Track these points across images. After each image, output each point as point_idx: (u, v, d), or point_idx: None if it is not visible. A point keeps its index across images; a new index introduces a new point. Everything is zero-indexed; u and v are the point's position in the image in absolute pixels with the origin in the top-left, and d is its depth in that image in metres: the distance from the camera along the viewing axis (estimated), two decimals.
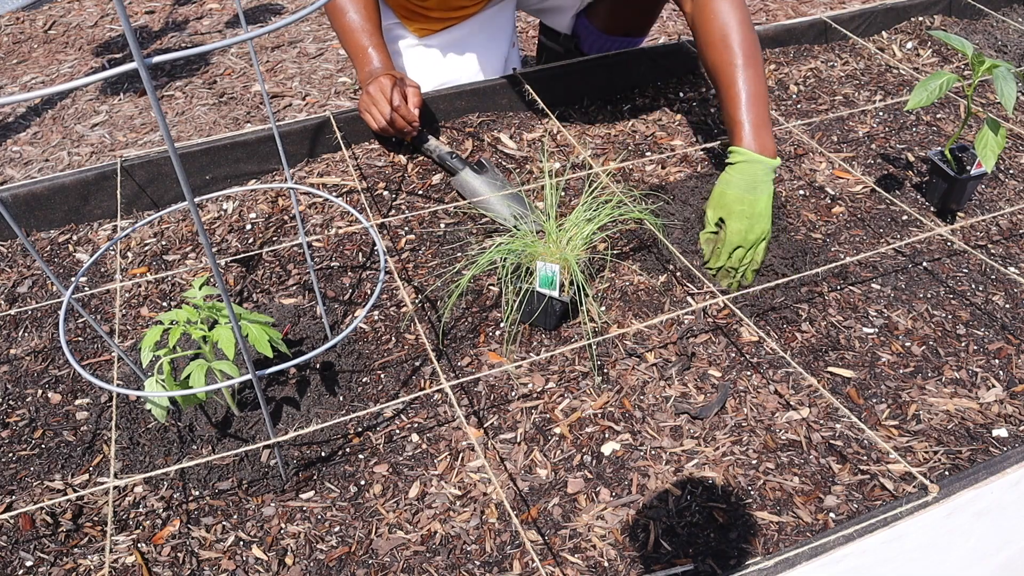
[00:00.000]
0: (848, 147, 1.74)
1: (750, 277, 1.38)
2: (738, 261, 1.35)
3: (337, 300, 1.40)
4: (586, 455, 1.14)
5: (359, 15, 1.63)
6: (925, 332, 1.31)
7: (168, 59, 0.59)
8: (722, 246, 1.36)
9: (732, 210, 1.34)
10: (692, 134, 1.78)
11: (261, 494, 1.11)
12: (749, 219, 1.33)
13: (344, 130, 1.71)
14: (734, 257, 1.35)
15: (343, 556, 1.03)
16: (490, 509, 1.08)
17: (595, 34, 2.04)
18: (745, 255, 1.35)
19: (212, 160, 1.63)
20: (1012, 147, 1.73)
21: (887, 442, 1.14)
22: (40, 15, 2.75)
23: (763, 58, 1.57)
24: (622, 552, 1.02)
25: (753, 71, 1.41)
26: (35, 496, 1.11)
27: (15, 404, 1.25)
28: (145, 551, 1.04)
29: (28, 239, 1.43)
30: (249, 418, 1.19)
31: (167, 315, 1.07)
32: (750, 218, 1.33)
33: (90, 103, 2.22)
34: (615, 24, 1.99)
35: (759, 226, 1.34)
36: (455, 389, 1.24)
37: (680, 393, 1.22)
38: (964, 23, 2.20)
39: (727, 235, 1.35)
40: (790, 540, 1.02)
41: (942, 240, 1.49)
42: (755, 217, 1.33)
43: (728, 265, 1.36)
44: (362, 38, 1.63)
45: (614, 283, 1.41)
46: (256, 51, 2.05)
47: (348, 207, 1.14)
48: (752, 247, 1.35)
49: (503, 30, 1.95)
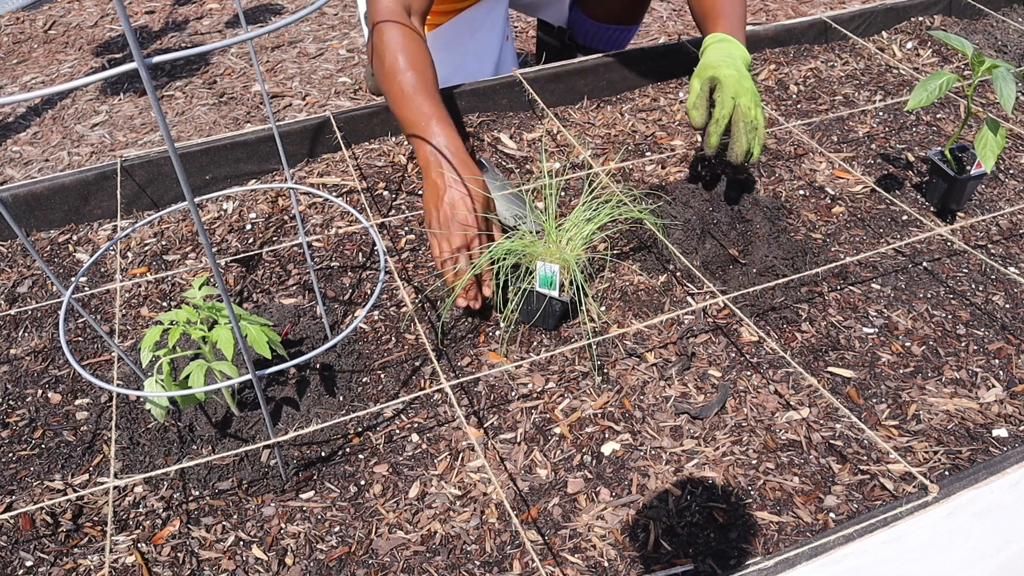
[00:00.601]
0: (848, 147, 1.74)
1: (759, 144, 1.29)
2: (744, 118, 1.27)
3: (337, 300, 1.40)
4: (586, 455, 1.14)
5: (415, 76, 1.36)
6: (925, 332, 1.31)
7: (168, 59, 0.59)
8: (720, 103, 1.28)
9: (719, 65, 1.29)
10: (692, 134, 1.78)
11: (261, 494, 1.11)
12: (738, 70, 1.28)
13: (344, 130, 1.71)
14: (739, 110, 1.27)
15: (343, 556, 1.03)
16: (490, 509, 1.08)
17: (588, 23, 2.05)
18: (750, 111, 1.27)
19: (212, 160, 1.63)
20: (1012, 147, 1.73)
21: (887, 442, 1.14)
22: (40, 15, 2.75)
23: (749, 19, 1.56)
24: (622, 552, 1.02)
25: (736, 6, 1.43)
26: (35, 496, 1.11)
27: (15, 404, 1.25)
28: (145, 551, 1.05)
29: (28, 239, 1.43)
30: (249, 418, 1.19)
31: (167, 315, 1.07)
32: (739, 70, 1.28)
33: (90, 103, 2.22)
34: (606, 12, 2.00)
35: (749, 82, 1.28)
36: (455, 389, 1.24)
37: (680, 393, 1.22)
38: (964, 23, 2.20)
39: (723, 82, 1.27)
40: (790, 540, 1.02)
41: (942, 240, 1.49)
42: (743, 72, 1.28)
43: (736, 120, 1.28)
44: (423, 104, 1.35)
45: (614, 283, 1.41)
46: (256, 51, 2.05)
47: (348, 207, 1.14)
48: (751, 98, 1.27)
49: (495, 26, 1.95)
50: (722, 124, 1.29)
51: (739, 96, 1.28)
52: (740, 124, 1.28)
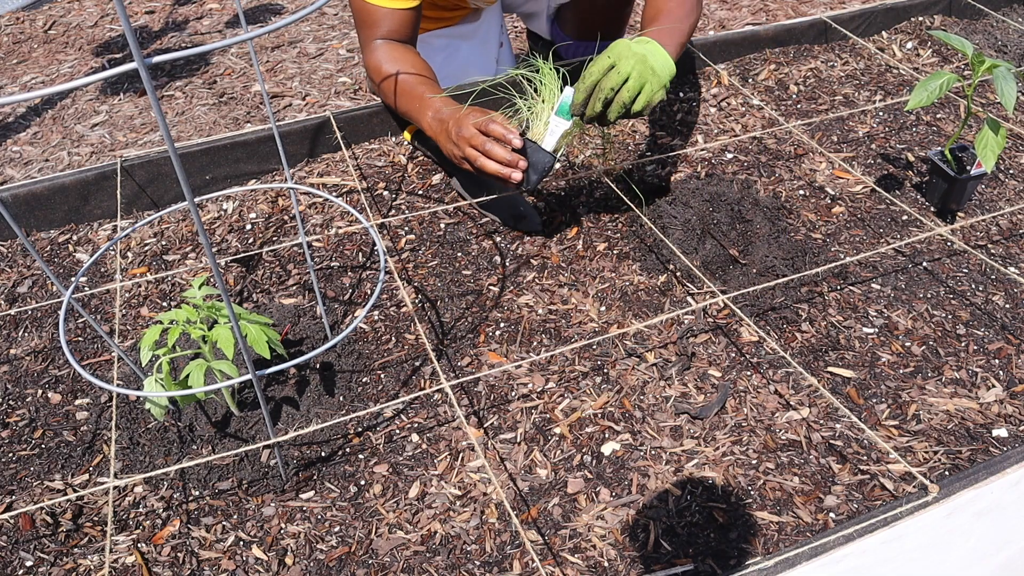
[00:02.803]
0: (848, 147, 1.74)
1: (615, 114, 1.25)
2: (610, 90, 1.24)
3: (337, 300, 1.40)
4: (586, 455, 1.14)
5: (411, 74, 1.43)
6: (925, 332, 1.31)
7: (168, 59, 0.59)
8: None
9: (624, 52, 1.25)
10: (692, 134, 1.78)
11: (261, 494, 1.11)
12: (641, 63, 1.24)
13: (344, 130, 1.71)
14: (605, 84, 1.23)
15: (343, 556, 1.03)
16: (490, 509, 1.08)
17: (567, 40, 2.05)
18: (624, 87, 1.24)
19: (212, 160, 1.63)
20: (1012, 147, 1.73)
21: (887, 442, 1.14)
22: (40, 15, 2.75)
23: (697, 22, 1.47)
24: (622, 552, 1.02)
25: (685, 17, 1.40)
26: (35, 496, 1.11)
27: (15, 404, 1.25)
28: (145, 551, 1.04)
29: (28, 239, 1.43)
30: (249, 418, 1.18)
31: (167, 315, 1.07)
32: (642, 62, 1.24)
33: (90, 103, 2.22)
34: (584, 30, 2.00)
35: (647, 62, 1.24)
36: (455, 389, 1.24)
37: (680, 393, 1.22)
38: (964, 23, 2.20)
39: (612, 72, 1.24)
40: (790, 540, 1.02)
41: (942, 240, 1.49)
42: (647, 65, 1.24)
43: (599, 87, 1.24)
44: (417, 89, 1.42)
45: (614, 283, 1.41)
46: (256, 51, 2.05)
47: (348, 207, 1.14)
48: (636, 86, 1.24)
49: (491, 32, 1.95)
50: (589, 79, 1.26)
51: (620, 60, 1.24)
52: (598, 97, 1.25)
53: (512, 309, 1.37)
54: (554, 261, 1.46)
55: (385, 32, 1.48)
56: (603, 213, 1.57)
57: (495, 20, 1.97)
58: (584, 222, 1.55)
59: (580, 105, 1.27)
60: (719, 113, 1.85)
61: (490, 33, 1.96)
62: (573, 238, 1.51)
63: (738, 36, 2.01)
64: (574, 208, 1.59)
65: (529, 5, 2.04)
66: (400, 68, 1.45)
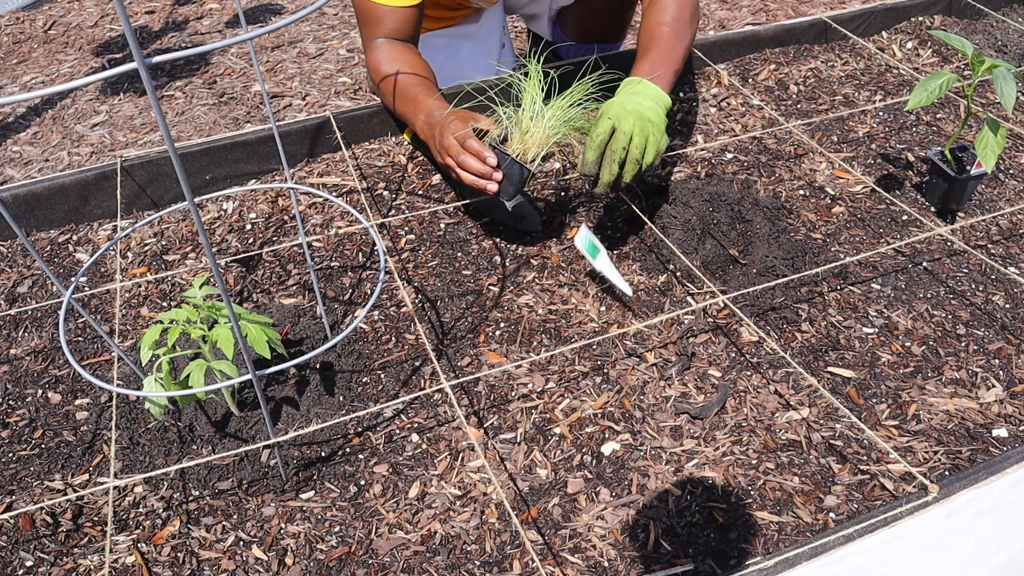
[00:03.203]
0: (848, 147, 1.74)
1: (630, 174, 1.26)
2: (621, 151, 1.24)
3: (337, 300, 1.40)
4: (586, 455, 1.14)
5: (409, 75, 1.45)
6: (925, 332, 1.31)
7: (168, 59, 0.59)
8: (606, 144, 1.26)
9: (620, 113, 1.26)
10: (692, 134, 1.78)
11: (261, 494, 1.11)
12: (639, 119, 1.25)
13: (344, 130, 1.71)
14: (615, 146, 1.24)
15: (343, 556, 1.03)
16: (490, 509, 1.08)
17: (569, 42, 2.05)
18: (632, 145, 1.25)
19: (212, 160, 1.63)
20: (1012, 147, 1.73)
21: (887, 442, 1.14)
22: (40, 15, 2.75)
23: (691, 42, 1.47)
24: (622, 552, 1.02)
25: (677, 41, 1.40)
26: (35, 496, 1.11)
27: (15, 404, 1.25)
28: (145, 551, 1.04)
29: (28, 239, 1.43)
30: (249, 418, 1.18)
31: (167, 315, 1.07)
32: (640, 118, 1.25)
33: (90, 103, 2.22)
34: (586, 33, 2.00)
35: (646, 117, 1.25)
36: (455, 389, 1.24)
37: (680, 393, 1.22)
38: (964, 23, 2.20)
39: (617, 133, 1.25)
40: (790, 540, 1.02)
41: (942, 240, 1.49)
42: (645, 119, 1.25)
43: (610, 150, 1.25)
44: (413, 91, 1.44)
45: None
46: (256, 51, 2.05)
47: (348, 207, 1.14)
48: (635, 124, 1.25)
49: (493, 32, 1.95)
50: (595, 142, 1.26)
51: (620, 120, 1.25)
52: (608, 163, 1.25)
53: (512, 309, 1.37)
54: (554, 261, 1.46)
55: (387, 30, 1.48)
56: (603, 213, 1.57)
57: (497, 21, 1.97)
58: (584, 222, 1.55)
59: (593, 164, 1.27)
60: (719, 113, 1.85)
61: (491, 34, 1.96)
62: (573, 238, 1.52)
63: (738, 36, 2.01)
64: (574, 208, 1.59)
65: (531, 7, 2.04)
66: (399, 68, 1.46)
